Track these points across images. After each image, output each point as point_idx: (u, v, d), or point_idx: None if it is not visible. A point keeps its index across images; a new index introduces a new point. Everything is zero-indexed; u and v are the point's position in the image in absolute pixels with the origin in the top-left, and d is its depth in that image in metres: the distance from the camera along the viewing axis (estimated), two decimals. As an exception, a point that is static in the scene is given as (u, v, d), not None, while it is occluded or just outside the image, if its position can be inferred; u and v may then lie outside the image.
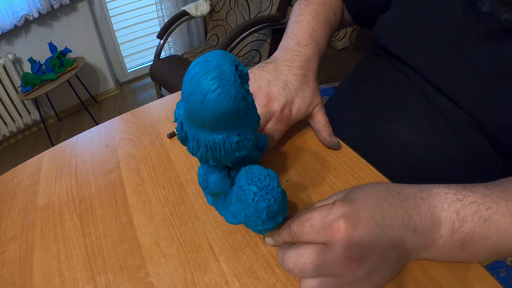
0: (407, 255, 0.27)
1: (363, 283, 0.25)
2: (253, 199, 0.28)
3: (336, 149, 0.43)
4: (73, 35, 2.22)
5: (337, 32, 0.75)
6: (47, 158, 0.51)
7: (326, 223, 0.25)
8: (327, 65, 0.66)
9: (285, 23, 1.56)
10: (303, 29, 0.49)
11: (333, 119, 0.44)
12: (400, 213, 0.26)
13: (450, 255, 0.28)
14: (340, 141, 0.44)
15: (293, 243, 0.28)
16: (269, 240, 0.31)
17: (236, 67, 0.26)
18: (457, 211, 0.26)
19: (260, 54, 1.65)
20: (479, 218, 0.26)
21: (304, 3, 0.55)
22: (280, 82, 0.42)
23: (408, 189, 0.28)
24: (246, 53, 1.72)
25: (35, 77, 1.93)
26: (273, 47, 1.62)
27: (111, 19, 2.36)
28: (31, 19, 1.98)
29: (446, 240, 0.27)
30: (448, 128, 0.42)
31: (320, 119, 0.43)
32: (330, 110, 0.55)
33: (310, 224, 0.26)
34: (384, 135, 0.46)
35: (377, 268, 0.25)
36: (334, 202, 0.27)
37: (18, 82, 2.06)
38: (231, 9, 1.85)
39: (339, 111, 0.54)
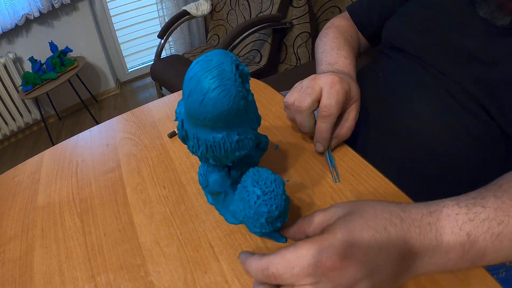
0: (413, 275, 0.26)
1: None
2: (255, 202, 0.28)
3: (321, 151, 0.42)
4: (74, 35, 2.22)
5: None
6: (48, 157, 0.51)
7: (318, 262, 0.24)
8: None
9: (286, 23, 1.56)
10: (330, 54, 0.53)
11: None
12: (399, 246, 0.25)
13: (460, 268, 0.27)
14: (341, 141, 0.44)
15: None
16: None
17: (237, 67, 0.26)
18: (468, 233, 0.26)
19: (260, 54, 1.65)
20: (491, 235, 0.26)
21: (323, 34, 0.60)
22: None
23: (415, 214, 0.26)
24: (246, 53, 1.72)
25: (36, 77, 1.93)
26: (274, 47, 1.62)
27: (112, 18, 2.36)
28: (32, 18, 1.98)
29: (456, 261, 0.26)
30: (459, 106, 0.44)
31: (353, 117, 0.42)
32: None
33: (299, 264, 0.24)
34: (404, 113, 0.47)
35: None
36: (323, 237, 0.25)
37: (18, 81, 2.06)
38: (232, 9, 1.85)
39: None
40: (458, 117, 0.45)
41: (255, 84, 0.58)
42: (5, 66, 1.98)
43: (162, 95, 1.93)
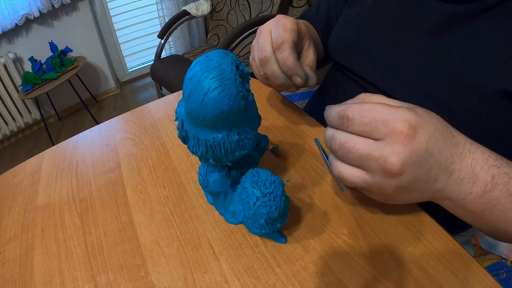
0: (432, 192, 0.28)
1: (387, 192, 0.27)
2: (254, 203, 0.29)
3: (311, 85, 0.42)
4: (74, 35, 2.22)
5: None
6: (48, 157, 0.51)
7: (388, 120, 0.25)
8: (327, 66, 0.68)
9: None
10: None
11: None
12: (447, 153, 0.27)
13: (468, 214, 0.28)
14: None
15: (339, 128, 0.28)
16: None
17: (237, 67, 0.26)
18: (493, 175, 0.27)
19: (260, 54, 1.65)
20: (507, 190, 0.27)
21: None
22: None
23: (461, 137, 0.28)
24: (246, 53, 1.72)
25: (36, 76, 1.93)
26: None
27: (112, 18, 2.36)
28: (32, 18, 1.98)
29: (473, 198, 0.27)
30: None
31: (310, 55, 0.43)
32: (309, 110, 0.58)
33: (371, 115, 0.26)
34: None
35: (406, 187, 0.26)
36: (399, 106, 0.26)
37: (18, 81, 2.06)
38: (232, 9, 1.85)
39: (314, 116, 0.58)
40: None
41: (255, 84, 0.58)
42: (5, 66, 1.98)
43: (162, 95, 1.93)
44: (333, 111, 0.29)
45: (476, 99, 0.36)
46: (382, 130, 0.25)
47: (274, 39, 0.39)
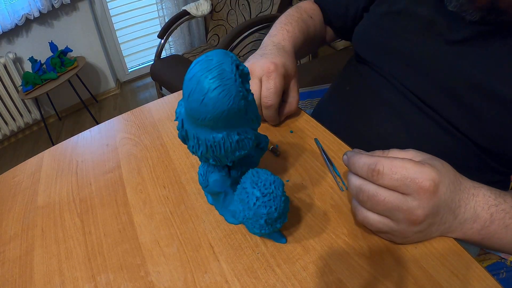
0: (440, 231, 0.32)
1: (408, 235, 0.31)
2: (254, 203, 0.29)
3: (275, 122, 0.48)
4: (74, 35, 2.22)
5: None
6: (48, 157, 0.51)
7: (417, 178, 0.28)
8: (328, 65, 0.69)
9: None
10: (275, 27, 0.57)
11: (324, 116, 0.48)
12: (455, 200, 0.31)
13: (469, 240, 0.33)
14: (341, 141, 0.44)
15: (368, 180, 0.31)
16: (346, 159, 0.33)
17: (237, 66, 0.26)
18: (491, 214, 0.31)
19: (260, 54, 1.65)
20: (503, 223, 0.31)
21: (284, 13, 0.63)
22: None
23: (466, 183, 0.32)
24: (246, 53, 1.72)
25: (36, 76, 1.93)
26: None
27: (112, 18, 2.35)
28: (32, 18, 1.97)
29: (474, 232, 0.32)
30: (422, 121, 0.46)
31: (295, 93, 0.48)
32: (321, 108, 0.62)
33: (402, 172, 0.28)
34: (365, 128, 0.51)
35: (423, 230, 0.30)
36: (423, 162, 0.30)
37: (18, 81, 2.06)
38: (232, 9, 1.85)
39: (329, 109, 0.60)
40: (421, 132, 0.45)
41: (255, 84, 0.58)
42: (5, 66, 1.98)
43: (162, 95, 1.93)
44: (361, 161, 0.31)
45: (498, 107, 0.38)
46: (411, 187, 0.28)
47: (263, 98, 0.44)
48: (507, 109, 0.38)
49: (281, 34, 0.54)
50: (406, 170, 0.28)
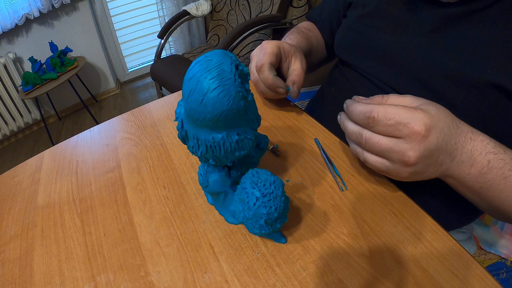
0: (439, 172, 0.34)
1: (403, 175, 0.33)
2: (254, 204, 0.29)
3: (292, 96, 0.48)
4: (74, 35, 2.22)
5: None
6: (48, 157, 0.51)
7: (409, 123, 0.30)
8: (330, 65, 0.70)
9: (286, 23, 1.56)
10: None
11: (313, 116, 0.50)
12: (452, 142, 0.32)
13: (468, 191, 0.34)
14: (341, 141, 0.44)
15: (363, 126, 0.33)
16: (342, 117, 0.37)
17: (237, 67, 0.26)
18: (489, 160, 0.32)
19: (260, 54, 1.65)
20: (501, 174, 0.32)
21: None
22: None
23: (464, 127, 0.33)
24: (246, 53, 1.72)
25: (36, 76, 1.93)
26: (274, 47, 1.62)
27: (112, 18, 2.35)
28: (32, 18, 1.97)
29: (471, 178, 0.33)
30: None
31: (298, 64, 0.48)
32: (309, 109, 0.65)
33: (396, 118, 0.31)
34: None
35: (419, 172, 0.33)
36: (416, 108, 0.32)
37: (18, 81, 2.06)
38: (232, 9, 1.85)
39: (316, 110, 0.62)
40: None
41: (255, 84, 0.58)
42: (5, 66, 1.98)
43: (162, 95, 1.93)
44: (357, 110, 0.33)
45: (471, 92, 0.39)
46: (404, 131, 0.31)
47: (256, 63, 0.46)
48: (481, 93, 0.39)
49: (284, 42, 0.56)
50: (399, 116, 0.31)
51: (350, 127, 0.35)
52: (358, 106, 0.33)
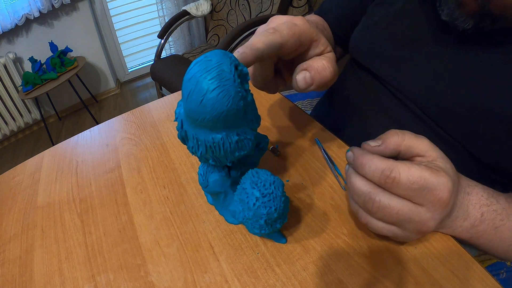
0: (435, 228, 0.31)
1: (410, 240, 0.31)
2: (254, 204, 0.29)
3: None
4: (74, 35, 2.22)
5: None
6: (48, 157, 0.51)
7: (435, 190, 0.27)
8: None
9: (286, 23, 1.55)
10: None
11: (321, 118, 0.48)
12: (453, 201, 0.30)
13: (459, 236, 0.33)
14: (341, 141, 0.44)
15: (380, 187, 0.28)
16: (350, 170, 0.31)
17: (236, 67, 0.26)
18: (482, 213, 0.31)
19: (260, 54, 1.65)
20: (492, 224, 0.31)
21: None
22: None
23: (462, 181, 0.32)
24: (246, 52, 1.72)
25: (36, 76, 1.93)
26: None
27: (112, 18, 2.36)
28: (32, 18, 1.98)
29: (463, 230, 0.32)
30: (418, 128, 0.44)
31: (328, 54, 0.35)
32: (318, 110, 0.62)
33: (420, 182, 0.26)
34: (361, 134, 0.50)
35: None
36: (439, 169, 0.28)
37: (18, 81, 2.06)
38: (232, 9, 1.85)
39: (326, 112, 0.60)
40: None
41: (255, 84, 0.58)
42: (5, 66, 1.98)
43: (162, 95, 1.93)
44: (373, 165, 0.28)
45: (494, 123, 0.37)
46: (428, 198, 0.27)
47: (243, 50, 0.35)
48: (504, 125, 0.37)
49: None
50: (425, 180, 0.26)
51: (359, 186, 0.29)
52: (375, 160, 0.28)
